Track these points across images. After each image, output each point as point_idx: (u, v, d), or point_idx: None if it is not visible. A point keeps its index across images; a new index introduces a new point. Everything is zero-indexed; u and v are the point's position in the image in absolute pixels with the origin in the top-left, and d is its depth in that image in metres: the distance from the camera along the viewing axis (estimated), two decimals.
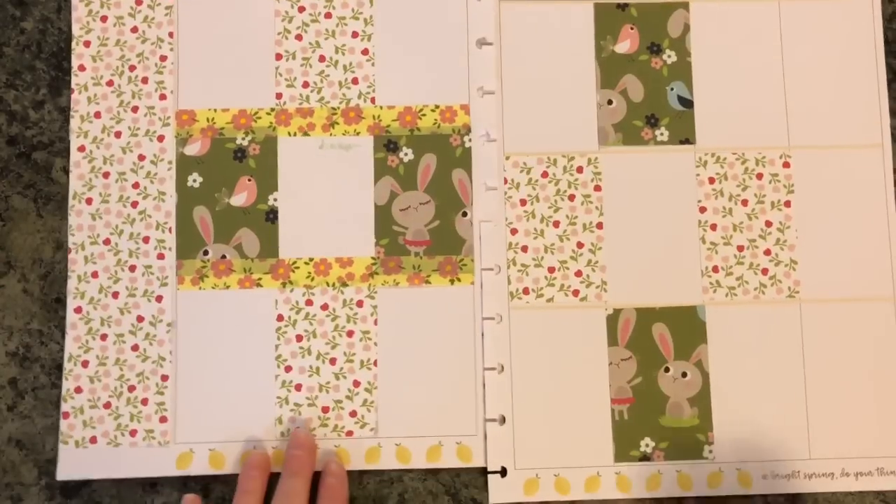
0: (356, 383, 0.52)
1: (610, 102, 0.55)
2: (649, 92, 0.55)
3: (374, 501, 0.52)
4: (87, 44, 0.54)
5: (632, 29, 0.55)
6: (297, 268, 0.52)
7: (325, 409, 0.52)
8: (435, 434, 0.51)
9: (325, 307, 0.52)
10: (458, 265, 0.53)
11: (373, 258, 0.53)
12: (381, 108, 0.54)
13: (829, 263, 0.54)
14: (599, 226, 0.54)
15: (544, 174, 0.54)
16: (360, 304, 0.52)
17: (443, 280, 0.53)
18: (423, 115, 0.54)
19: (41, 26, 0.54)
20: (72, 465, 0.51)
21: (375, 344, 0.52)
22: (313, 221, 0.53)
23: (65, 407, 0.51)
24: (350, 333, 0.52)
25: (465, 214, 0.53)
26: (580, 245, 0.53)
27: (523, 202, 0.54)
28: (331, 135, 0.53)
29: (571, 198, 0.54)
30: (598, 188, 0.54)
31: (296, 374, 0.52)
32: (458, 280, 0.53)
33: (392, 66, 0.54)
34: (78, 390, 0.51)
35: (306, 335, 0.52)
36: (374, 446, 0.51)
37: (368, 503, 0.52)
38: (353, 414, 0.52)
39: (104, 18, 0.54)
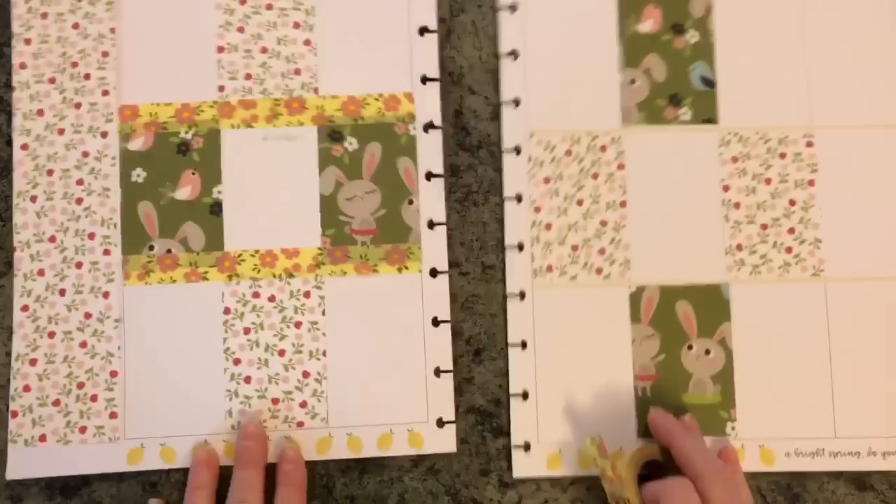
0: (306, 374, 0.52)
1: (633, 82, 0.55)
2: (672, 71, 0.55)
3: (374, 501, 0.52)
4: (27, 41, 0.53)
5: (655, 9, 0.55)
6: (243, 260, 0.52)
7: (276, 401, 0.52)
8: (386, 422, 0.51)
9: (272, 299, 0.52)
10: (406, 253, 0.53)
11: (319, 248, 0.53)
12: (324, 98, 0.54)
13: (854, 242, 0.54)
14: (623, 204, 0.54)
15: (568, 152, 0.54)
16: (307, 294, 0.52)
17: (390, 268, 0.53)
18: (367, 104, 0.54)
19: None
20: (21, 465, 0.50)
21: (324, 334, 0.52)
22: (258, 213, 0.53)
23: (13, 406, 0.51)
24: (298, 324, 0.52)
25: (411, 202, 0.53)
26: (604, 223, 0.54)
27: (547, 180, 0.54)
28: (274, 126, 0.53)
29: (595, 176, 0.54)
30: (621, 167, 0.54)
31: (245, 366, 0.52)
32: (406, 268, 0.53)
33: (334, 55, 0.54)
34: (26, 389, 0.51)
35: (254, 327, 0.52)
36: (325, 437, 0.51)
37: (368, 503, 0.52)
38: (303, 405, 0.52)
39: (44, 15, 0.54)
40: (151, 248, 0.52)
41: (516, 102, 0.54)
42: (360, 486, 0.52)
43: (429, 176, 0.53)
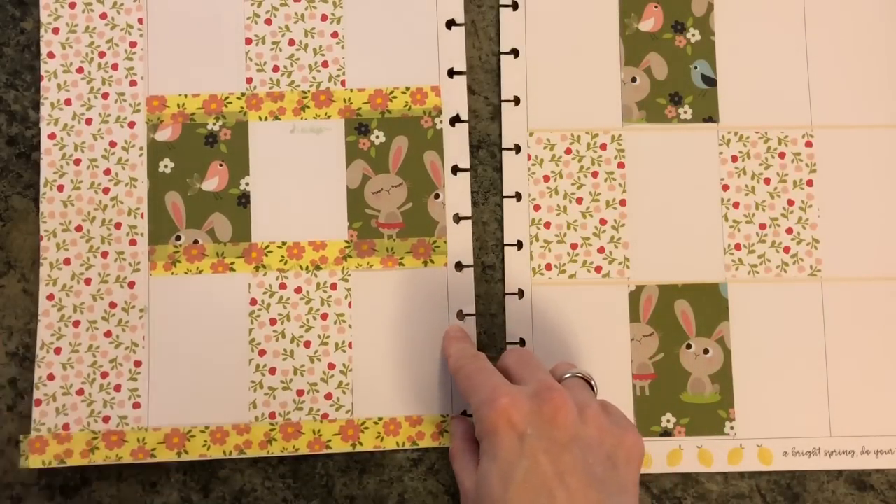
0: (331, 366, 0.52)
1: (634, 80, 0.55)
2: (673, 70, 0.55)
3: (374, 501, 0.52)
4: (55, 31, 0.53)
5: (656, 7, 0.55)
6: (270, 252, 0.52)
7: (300, 393, 0.52)
8: (410, 414, 0.51)
9: (298, 290, 0.52)
10: (432, 247, 0.53)
11: (346, 241, 0.53)
12: (351, 90, 0.54)
13: (851, 242, 0.54)
14: (622, 203, 0.54)
15: (567, 150, 0.54)
16: (333, 286, 0.52)
17: (416, 262, 0.53)
18: (394, 97, 0.54)
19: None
20: None
21: (350, 326, 0.52)
22: (286, 205, 0.53)
23: (37, 394, 0.51)
24: (324, 316, 0.52)
25: (437, 196, 0.53)
26: (603, 222, 0.54)
27: (546, 178, 0.54)
28: (302, 118, 0.53)
29: (594, 174, 0.54)
30: (621, 165, 0.54)
31: (270, 357, 0.52)
32: (432, 262, 0.53)
33: (362, 48, 0.54)
34: (50, 378, 0.51)
35: (280, 319, 0.52)
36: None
37: (368, 503, 0.52)
38: (328, 396, 0.52)
39: (73, 5, 0.54)
40: (178, 238, 0.52)
41: (516, 100, 0.54)
42: (360, 486, 0.52)
43: (455, 170, 0.54)
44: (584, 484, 0.41)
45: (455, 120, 0.54)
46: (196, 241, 0.52)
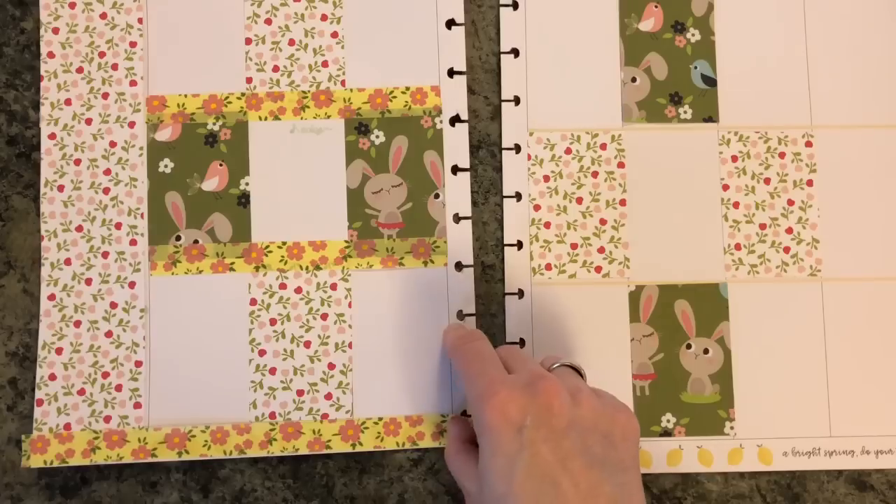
0: (331, 366, 0.52)
1: (634, 80, 0.55)
2: (673, 70, 0.55)
3: (374, 501, 0.52)
4: (55, 31, 0.53)
5: (656, 7, 0.55)
6: (270, 252, 0.53)
7: (300, 393, 0.52)
8: (410, 414, 0.51)
9: (298, 290, 0.52)
10: (431, 247, 0.53)
11: (346, 241, 0.53)
12: (351, 90, 0.54)
13: (851, 242, 0.54)
14: (622, 202, 0.54)
15: (567, 150, 0.54)
16: (333, 286, 0.52)
17: (416, 262, 0.53)
18: (394, 97, 0.54)
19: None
20: None
21: (350, 326, 0.52)
22: (286, 205, 0.53)
23: (38, 394, 0.51)
24: (324, 316, 0.52)
25: (437, 196, 0.53)
26: (603, 222, 0.54)
27: (546, 178, 0.54)
28: (301, 118, 0.53)
29: (595, 174, 0.54)
30: (621, 165, 0.54)
31: (270, 357, 0.52)
32: (432, 262, 0.53)
33: (362, 48, 0.54)
34: (52, 377, 0.51)
35: (280, 319, 0.52)
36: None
37: (368, 503, 0.52)
38: (328, 396, 0.52)
39: (73, 5, 0.54)
40: (178, 238, 0.52)
41: (517, 100, 0.54)
42: (360, 486, 0.52)
43: (455, 170, 0.54)
44: (585, 466, 0.41)
45: (455, 120, 0.54)
46: (196, 241, 0.52)
